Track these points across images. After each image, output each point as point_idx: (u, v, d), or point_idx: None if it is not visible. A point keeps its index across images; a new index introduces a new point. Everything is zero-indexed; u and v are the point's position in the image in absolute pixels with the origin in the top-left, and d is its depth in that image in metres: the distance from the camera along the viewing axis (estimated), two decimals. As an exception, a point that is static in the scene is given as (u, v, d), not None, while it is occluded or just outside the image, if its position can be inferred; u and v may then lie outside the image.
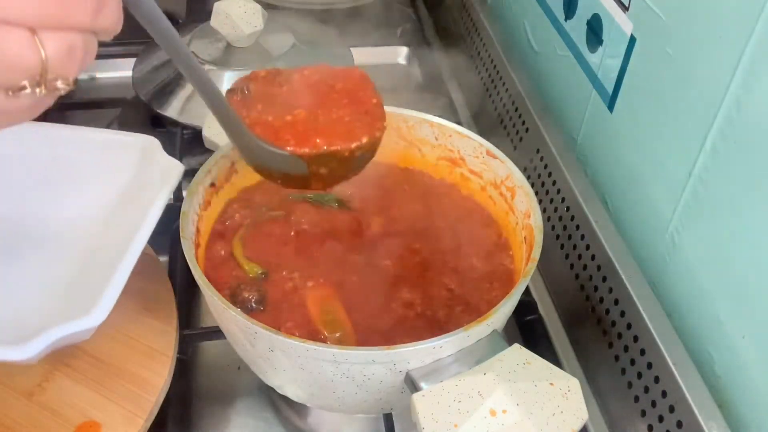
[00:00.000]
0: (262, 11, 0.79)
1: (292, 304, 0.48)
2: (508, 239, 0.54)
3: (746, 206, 0.47)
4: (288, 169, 0.44)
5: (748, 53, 0.46)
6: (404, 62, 1.00)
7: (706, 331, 0.52)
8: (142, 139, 0.58)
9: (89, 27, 0.29)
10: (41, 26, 0.28)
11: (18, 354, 0.41)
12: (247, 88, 0.46)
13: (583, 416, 0.40)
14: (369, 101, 0.48)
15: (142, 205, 0.52)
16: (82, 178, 0.58)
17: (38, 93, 0.29)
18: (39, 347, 0.41)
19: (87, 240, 0.56)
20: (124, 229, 0.52)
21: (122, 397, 0.49)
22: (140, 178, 0.56)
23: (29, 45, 0.28)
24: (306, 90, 0.47)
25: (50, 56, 0.28)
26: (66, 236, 0.56)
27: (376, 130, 0.46)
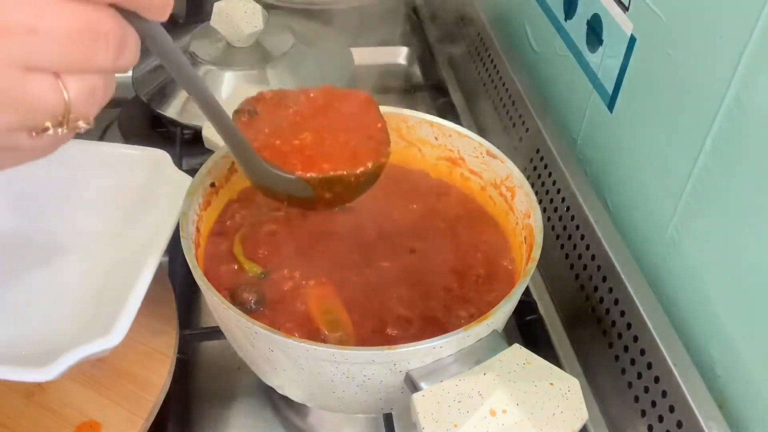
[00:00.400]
0: (262, 11, 0.79)
1: (292, 304, 0.48)
2: (508, 239, 0.54)
3: (746, 206, 0.47)
4: (294, 192, 0.45)
5: (748, 53, 0.46)
6: (404, 62, 1.00)
7: (706, 331, 0.52)
8: (152, 153, 0.58)
9: (111, 69, 0.30)
10: (65, 71, 0.29)
11: (40, 376, 0.42)
12: (255, 109, 0.47)
13: (583, 416, 0.40)
14: (374, 125, 0.48)
15: (154, 220, 0.53)
16: (92, 194, 0.58)
17: (60, 133, 0.30)
18: (60, 369, 0.42)
19: (99, 257, 0.56)
20: (138, 245, 0.52)
21: (122, 397, 0.49)
22: (151, 192, 0.57)
23: (53, 88, 0.29)
24: (312, 113, 0.48)
25: (73, 99, 0.29)
26: (78, 253, 0.57)
27: (381, 156, 0.46)
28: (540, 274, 0.68)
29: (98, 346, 0.44)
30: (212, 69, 0.78)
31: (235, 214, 0.54)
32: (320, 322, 0.46)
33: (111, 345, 0.44)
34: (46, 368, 0.42)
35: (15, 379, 0.43)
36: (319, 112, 0.48)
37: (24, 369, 0.43)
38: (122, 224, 0.57)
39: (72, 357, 0.42)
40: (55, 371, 0.42)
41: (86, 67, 0.29)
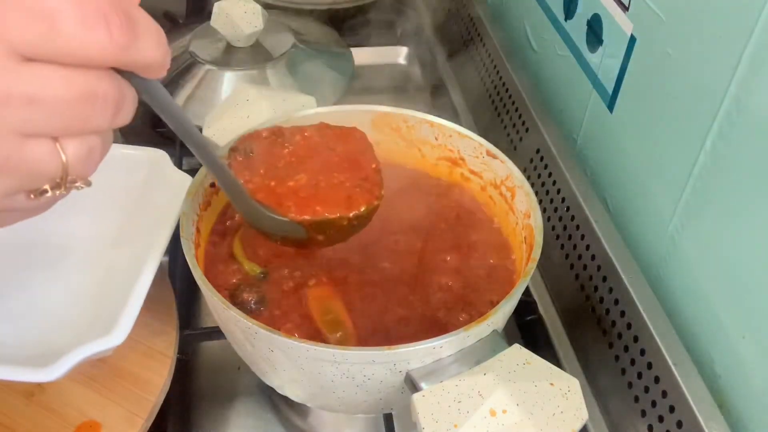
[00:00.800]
0: (262, 11, 0.79)
1: (292, 304, 0.48)
2: (508, 239, 0.54)
3: (746, 206, 0.47)
4: (287, 233, 0.46)
5: (748, 53, 0.46)
6: (404, 62, 1.00)
7: (706, 331, 0.52)
8: (150, 153, 0.58)
9: (109, 128, 0.30)
10: (63, 135, 0.29)
11: (43, 376, 0.42)
12: (250, 149, 0.48)
13: (583, 416, 0.40)
14: (368, 166, 0.49)
15: (154, 220, 0.52)
16: (91, 195, 0.56)
17: (58, 194, 0.30)
18: (62, 369, 0.42)
19: (100, 257, 0.56)
20: (138, 245, 0.52)
21: (122, 397, 0.49)
22: (150, 192, 0.56)
23: (52, 153, 0.29)
24: (308, 153, 0.49)
25: (71, 161, 0.29)
26: (78, 254, 0.57)
27: (374, 198, 0.47)
28: (540, 274, 0.68)
29: (100, 346, 0.44)
30: (212, 69, 0.78)
31: (236, 214, 0.54)
32: (320, 322, 0.47)
33: (113, 344, 0.44)
34: (48, 368, 0.42)
35: (17, 379, 0.43)
36: (315, 151, 0.49)
37: (26, 369, 0.42)
38: (122, 224, 0.57)
39: (74, 357, 0.42)
40: (58, 371, 0.42)
41: (84, 130, 0.29)
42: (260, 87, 0.60)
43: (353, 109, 0.58)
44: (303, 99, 0.60)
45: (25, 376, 0.43)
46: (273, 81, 0.79)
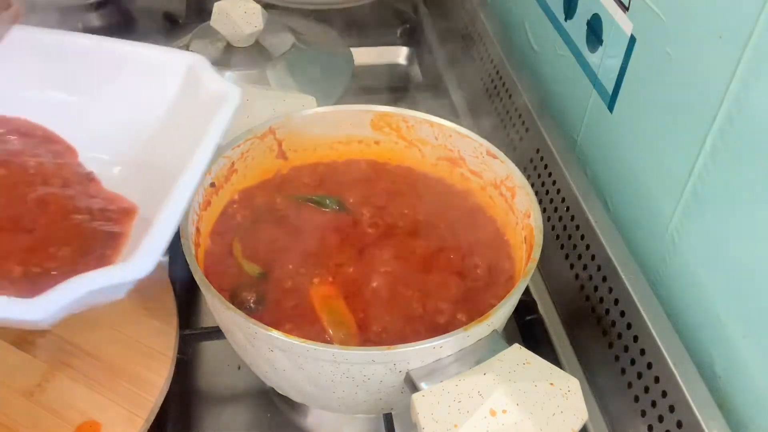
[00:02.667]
0: (262, 11, 0.79)
1: (292, 304, 0.48)
2: (508, 239, 0.54)
3: (746, 206, 0.47)
4: None
5: (748, 53, 0.46)
6: (404, 62, 1.00)
7: (706, 331, 0.52)
8: (187, 58, 0.51)
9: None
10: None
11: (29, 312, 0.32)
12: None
13: (583, 416, 0.40)
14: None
15: (191, 135, 0.45)
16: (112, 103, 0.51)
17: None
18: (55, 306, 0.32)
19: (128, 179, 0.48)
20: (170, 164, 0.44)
21: (122, 397, 0.49)
22: (185, 103, 0.49)
23: None
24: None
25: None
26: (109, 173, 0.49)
27: None
28: (540, 274, 0.68)
29: (114, 278, 0.34)
30: (212, 69, 0.78)
31: (236, 215, 0.54)
32: (325, 322, 0.47)
33: (131, 277, 0.34)
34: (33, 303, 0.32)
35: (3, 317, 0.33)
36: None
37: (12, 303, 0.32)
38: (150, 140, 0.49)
39: (73, 289, 0.33)
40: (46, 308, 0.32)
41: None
42: (260, 87, 0.60)
43: (353, 109, 0.58)
44: (303, 99, 0.60)
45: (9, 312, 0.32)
46: (273, 81, 0.78)
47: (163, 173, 0.45)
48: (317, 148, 0.59)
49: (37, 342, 0.52)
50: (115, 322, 0.53)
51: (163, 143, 0.48)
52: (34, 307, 0.32)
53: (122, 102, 0.50)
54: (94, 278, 0.33)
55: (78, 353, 0.51)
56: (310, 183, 0.58)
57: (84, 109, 0.51)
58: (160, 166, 0.47)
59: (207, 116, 0.45)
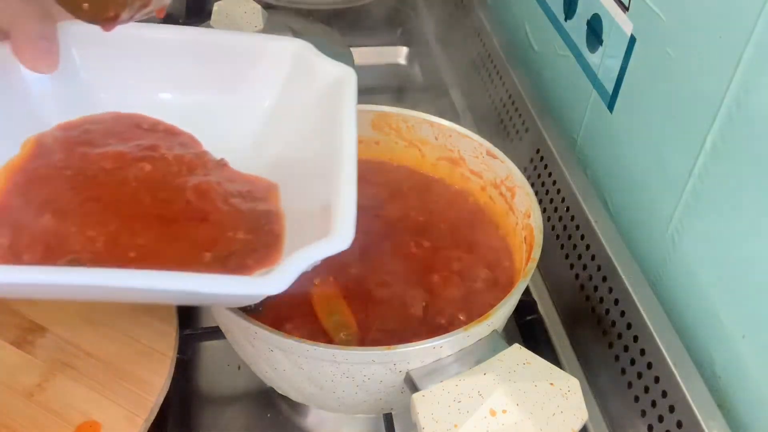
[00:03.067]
0: (262, 11, 0.79)
1: (292, 304, 0.48)
2: (508, 239, 0.54)
3: (746, 206, 0.47)
4: None
5: (748, 53, 0.46)
6: (404, 62, 1.00)
7: (706, 331, 0.52)
8: (293, 44, 0.51)
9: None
10: None
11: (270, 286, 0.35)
12: None
13: (583, 416, 0.40)
14: None
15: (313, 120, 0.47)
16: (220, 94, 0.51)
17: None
18: (291, 277, 0.36)
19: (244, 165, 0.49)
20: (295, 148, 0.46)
21: (122, 397, 0.49)
22: (296, 89, 0.50)
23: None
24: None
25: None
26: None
27: None
28: (540, 274, 0.68)
29: (327, 249, 0.37)
30: (212, 69, 0.78)
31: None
32: (325, 322, 0.47)
33: (340, 248, 0.37)
34: (272, 278, 0.35)
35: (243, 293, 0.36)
36: None
37: (252, 281, 0.37)
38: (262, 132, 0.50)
39: (302, 261, 0.36)
40: (286, 280, 0.35)
41: None
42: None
43: (353, 109, 0.58)
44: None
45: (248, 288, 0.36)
46: (273, 81, 0.78)
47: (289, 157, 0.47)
48: (317, 148, 0.59)
49: (37, 342, 0.52)
50: (115, 322, 0.53)
51: (279, 131, 0.50)
52: (274, 282, 0.35)
53: (229, 93, 0.51)
54: (313, 252, 0.37)
55: (78, 353, 0.51)
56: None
57: (191, 102, 0.51)
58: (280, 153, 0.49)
59: (325, 99, 0.47)
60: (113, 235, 0.41)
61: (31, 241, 0.40)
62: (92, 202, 0.43)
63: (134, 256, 0.40)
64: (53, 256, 0.39)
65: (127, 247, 0.41)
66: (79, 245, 0.40)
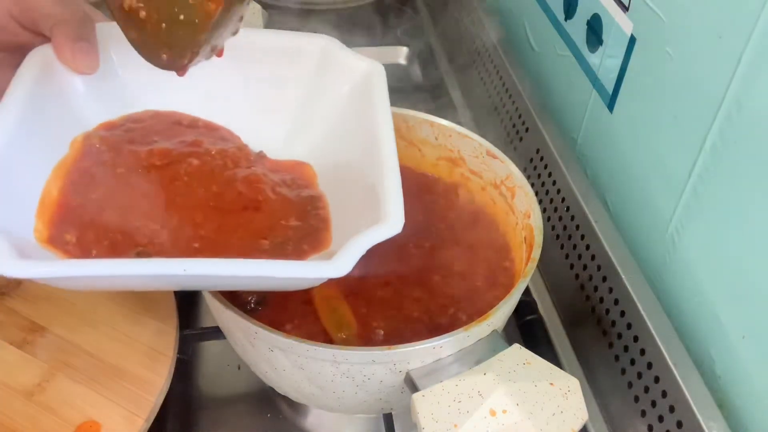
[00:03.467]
0: (262, 11, 0.79)
1: (292, 304, 0.48)
2: (508, 239, 0.54)
3: (746, 206, 0.47)
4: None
5: (748, 53, 0.46)
6: (404, 62, 1.00)
7: (706, 331, 0.52)
8: (319, 40, 0.52)
9: None
10: None
11: (334, 271, 0.37)
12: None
13: (583, 416, 0.40)
14: None
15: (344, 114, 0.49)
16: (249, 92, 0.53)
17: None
18: (353, 261, 0.37)
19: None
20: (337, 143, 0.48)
21: (122, 397, 0.49)
22: (325, 84, 0.52)
23: None
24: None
25: None
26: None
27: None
28: (540, 274, 0.68)
29: (383, 233, 0.39)
30: (212, 69, 0.78)
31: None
32: (326, 322, 0.47)
33: (394, 232, 0.39)
34: (336, 263, 0.37)
35: (307, 276, 0.38)
36: None
37: (317, 265, 0.38)
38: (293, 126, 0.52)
39: (361, 246, 0.38)
40: (348, 265, 0.37)
41: None
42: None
43: (353, 109, 0.58)
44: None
45: (318, 272, 0.38)
46: (273, 81, 0.78)
47: (323, 147, 0.50)
48: (317, 148, 0.59)
49: (37, 342, 0.52)
50: (115, 322, 0.53)
51: (311, 123, 0.52)
52: (340, 265, 0.37)
53: (261, 88, 0.53)
54: (370, 236, 0.39)
55: (78, 353, 0.51)
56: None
57: (225, 99, 0.52)
58: (314, 143, 0.51)
59: (357, 91, 0.49)
60: (175, 228, 0.43)
61: (96, 237, 0.41)
62: (149, 197, 0.45)
63: (198, 247, 0.42)
64: (120, 250, 0.41)
65: (191, 238, 0.43)
66: (144, 239, 0.42)
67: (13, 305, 0.54)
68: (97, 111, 0.49)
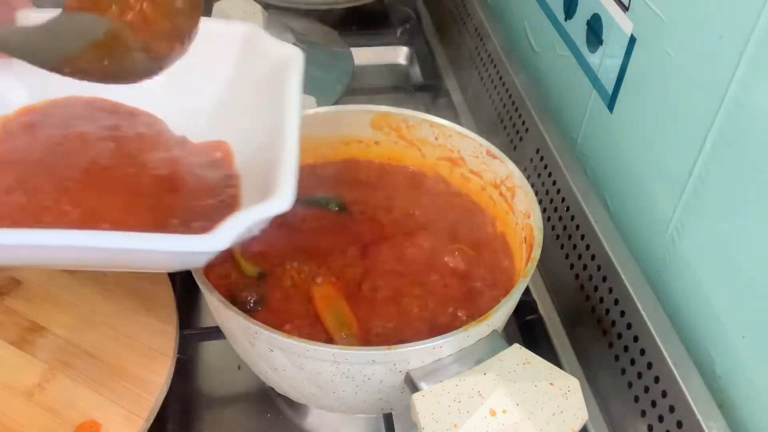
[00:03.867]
0: (262, 11, 0.79)
1: (292, 304, 0.48)
2: (508, 239, 0.54)
3: (746, 206, 0.47)
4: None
5: (748, 53, 0.46)
6: (404, 62, 1.00)
7: (706, 331, 0.52)
8: (242, 28, 0.53)
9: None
10: None
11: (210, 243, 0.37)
12: None
13: (583, 416, 0.40)
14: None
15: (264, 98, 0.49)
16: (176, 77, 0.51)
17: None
18: (231, 235, 0.37)
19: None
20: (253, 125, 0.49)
21: (122, 397, 0.49)
22: (248, 71, 0.52)
23: None
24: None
25: None
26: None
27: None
28: (540, 274, 0.68)
29: (268, 210, 0.38)
30: (212, 69, 0.78)
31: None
32: (327, 322, 0.47)
33: (281, 209, 0.39)
34: (212, 236, 0.37)
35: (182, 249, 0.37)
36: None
37: (190, 238, 0.37)
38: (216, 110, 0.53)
39: (243, 220, 0.38)
40: (227, 238, 0.37)
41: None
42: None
43: (353, 109, 0.58)
44: (303, 99, 0.60)
45: (189, 245, 0.37)
46: (273, 81, 0.78)
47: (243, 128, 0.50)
48: (317, 148, 0.59)
49: (37, 342, 0.52)
50: (115, 322, 0.53)
51: (233, 106, 0.52)
52: (214, 239, 0.37)
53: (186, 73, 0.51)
54: (253, 212, 0.38)
55: (78, 353, 0.51)
56: (311, 184, 0.58)
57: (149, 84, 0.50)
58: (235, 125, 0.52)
59: (274, 76, 0.49)
60: (87, 210, 0.43)
61: (1, 217, 0.41)
62: (63, 180, 0.45)
63: (106, 227, 0.41)
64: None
65: (100, 219, 0.42)
66: (52, 219, 0.42)
67: (13, 305, 0.54)
68: (19, 95, 0.49)
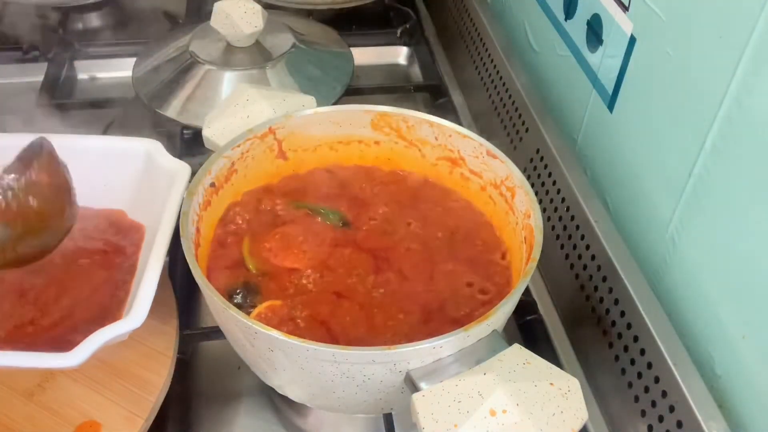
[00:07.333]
0: (262, 11, 0.79)
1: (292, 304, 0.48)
2: (508, 239, 0.54)
3: (746, 206, 0.47)
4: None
5: (748, 53, 0.46)
6: (404, 62, 1.00)
7: (706, 331, 0.52)
8: (145, 144, 0.59)
9: None
10: None
11: (65, 362, 0.43)
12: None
13: (583, 416, 0.40)
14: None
15: (154, 210, 0.54)
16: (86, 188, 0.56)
17: None
18: (85, 354, 0.43)
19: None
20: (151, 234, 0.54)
21: (122, 397, 0.49)
22: (147, 183, 0.57)
23: None
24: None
25: None
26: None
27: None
28: (540, 274, 0.68)
29: (119, 329, 0.45)
30: (212, 69, 0.78)
31: (236, 216, 0.54)
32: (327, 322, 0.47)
33: (132, 327, 0.45)
34: (69, 354, 0.43)
35: (40, 366, 0.44)
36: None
37: (48, 356, 0.43)
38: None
39: (95, 341, 0.43)
40: (80, 356, 0.43)
41: None
42: (260, 87, 0.60)
43: (353, 109, 0.58)
44: (303, 99, 0.60)
45: (47, 362, 0.44)
46: (273, 81, 0.79)
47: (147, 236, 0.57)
48: (317, 148, 0.59)
49: (37, 342, 0.52)
50: (115, 322, 0.53)
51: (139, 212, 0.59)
52: (68, 359, 0.43)
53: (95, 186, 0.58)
54: (108, 331, 0.44)
55: (78, 353, 0.51)
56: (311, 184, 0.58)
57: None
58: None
59: (165, 189, 0.55)
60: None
61: None
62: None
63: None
64: None
65: None
66: None
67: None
68: None
